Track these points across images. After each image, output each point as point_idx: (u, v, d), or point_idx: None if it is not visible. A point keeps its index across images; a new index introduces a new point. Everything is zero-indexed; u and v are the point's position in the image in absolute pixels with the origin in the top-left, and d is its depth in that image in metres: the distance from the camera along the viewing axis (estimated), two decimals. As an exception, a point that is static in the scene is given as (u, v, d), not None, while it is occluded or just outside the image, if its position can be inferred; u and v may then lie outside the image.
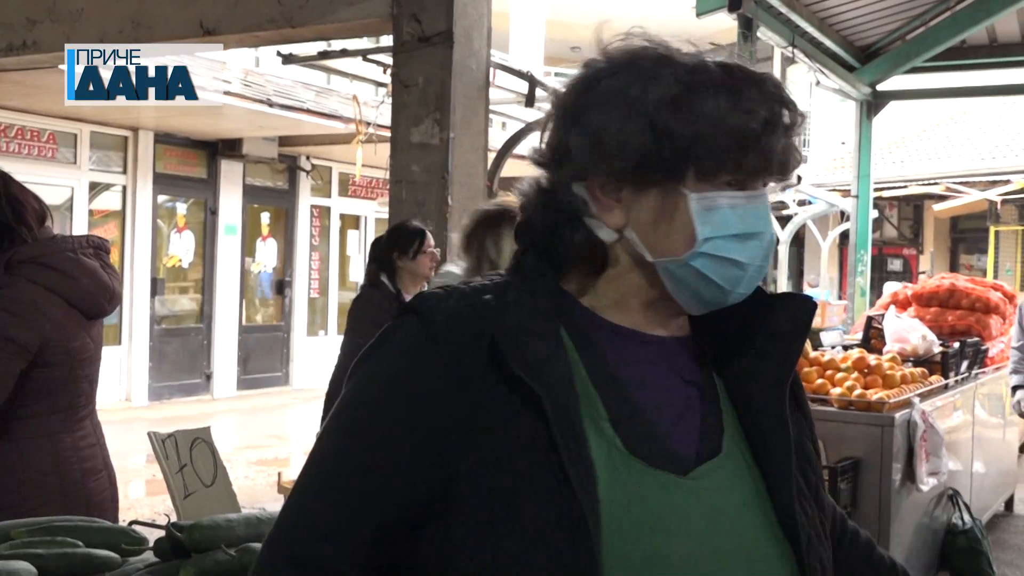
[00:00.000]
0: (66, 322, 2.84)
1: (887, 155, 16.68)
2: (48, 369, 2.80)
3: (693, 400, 1.18)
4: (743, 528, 1.13)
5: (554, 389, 1.06)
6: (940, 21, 9.18)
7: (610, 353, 1.16)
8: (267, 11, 5.43)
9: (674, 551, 1.08)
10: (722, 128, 1.09)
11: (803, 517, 1.17)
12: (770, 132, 1.11)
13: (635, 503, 1.07)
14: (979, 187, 15.54)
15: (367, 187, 15.01)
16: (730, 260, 1.12)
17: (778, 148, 1.12)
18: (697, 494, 1.11)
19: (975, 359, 6.53)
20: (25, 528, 1.97)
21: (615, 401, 1.13)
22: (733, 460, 1.17)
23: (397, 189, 5.05)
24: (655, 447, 1.12)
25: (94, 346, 2.99)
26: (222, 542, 1.80)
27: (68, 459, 2.87)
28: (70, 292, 2.86)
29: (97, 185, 11.86)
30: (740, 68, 1.13)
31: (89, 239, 3.02)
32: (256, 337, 13.69)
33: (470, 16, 5.08)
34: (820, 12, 8.55)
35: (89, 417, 3.01)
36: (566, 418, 1.06)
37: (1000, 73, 10.91)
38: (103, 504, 2.96)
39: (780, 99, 1.13)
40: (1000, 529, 7.06)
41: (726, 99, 1.10)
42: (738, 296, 1.16)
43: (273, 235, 14.09)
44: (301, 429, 11.24)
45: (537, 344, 1.09)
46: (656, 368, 1.18)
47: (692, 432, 1.16)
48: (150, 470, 8.37)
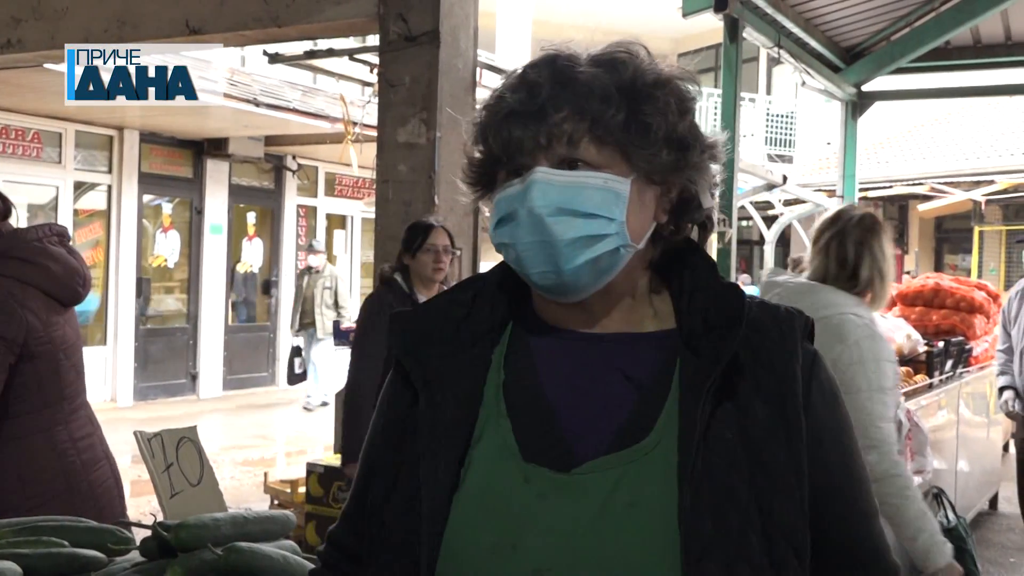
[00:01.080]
0: (45, 312, 2.85)
1: (872, 155, 16.75)
2: (34, 361, 2.80)
3: (626, 397, 1.20)
4: (624, 529, 1.13)
5: (436, 387, 1.22)
6: (925, 22, 9.21)
7: (540, 354, 1.25)
8: (253, 10, 5.42)
9: (528, 543, 1.14)
10: (479, 132, 1.22)
11: (707, 529, 1.11)
12: (506, 123, 1.18)
13: (493, 494, 1.17)
14: (963, 187, 15.62)
15: (353, 187, 15.00)
16: (504, 244, 1.19)
17: (515, 133, 1.17)
18: (572, 491, 1.15)
19: (959, 358, 6.56)
20: (10, 528, 1.97)
21: (523, 401, 1.22)
22: (647, 460, 1.15)
23: (384, 189, 5.04)
24: (543, 443, 1.18)
25: (74, 334, 3.00)
26: (208, 541, 1.79)
27: (67, 452, 2.86)
28: (43, 281, 2.87)
29: (82, 185, 11.82)
30: (525, 66, 1.21)
31: (51, 227, 3.04)
32: (242, 337, 13.66)
33: (456, 16, 5.08)
34: (806, 13, 8.58)
35: (83, 408, 3.01)
36: (434, 409, 1.21)
37: (984, 74, 10.96)
38: (109, 493, 2.96)
39: (519, 85, 1.19)
40: (984, 527, 7.10)
41: (485, 106, 1.22)
42: (539, 276, 1.18)
43: (259, 235, 14.06)
44: (287, 429, 11.22)
45: (433, 350, 1.25)
46: (585, 366, 1.23)
47: (607, 429, 1.18)
48: (135, 470, 8.34)
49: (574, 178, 1.16)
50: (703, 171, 1.23)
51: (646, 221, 1.21)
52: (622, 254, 1.18)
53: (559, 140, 1.16)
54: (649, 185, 1.20)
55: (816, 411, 1.20)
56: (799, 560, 1.15)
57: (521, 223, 1.17)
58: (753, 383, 1.18)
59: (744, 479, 1.14)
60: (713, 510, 1.12)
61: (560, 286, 1.18)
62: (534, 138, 1.16)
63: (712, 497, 1.12)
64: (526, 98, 1.17)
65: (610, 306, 1.24)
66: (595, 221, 1.16)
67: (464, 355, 1.25)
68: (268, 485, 6.35)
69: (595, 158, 1.17)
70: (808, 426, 1.18)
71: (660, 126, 1.17)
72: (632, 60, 1.20)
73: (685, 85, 1.22)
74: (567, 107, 1.16)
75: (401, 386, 1.28)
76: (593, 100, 1.16)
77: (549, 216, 1.15)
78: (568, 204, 1.15)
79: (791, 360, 1.19)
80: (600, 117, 1.15)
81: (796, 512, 1.16)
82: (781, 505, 1.14)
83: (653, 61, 1.21)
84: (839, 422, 1.24)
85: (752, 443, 1.15)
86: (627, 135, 1.16)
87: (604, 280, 1.19)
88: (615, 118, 1.16)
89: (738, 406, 1.17)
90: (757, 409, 1.17)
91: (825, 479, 1.20)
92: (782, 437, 1.17)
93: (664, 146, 1.18)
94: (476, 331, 1.27)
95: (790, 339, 1.21)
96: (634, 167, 1.18)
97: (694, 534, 1.10)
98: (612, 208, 1.16)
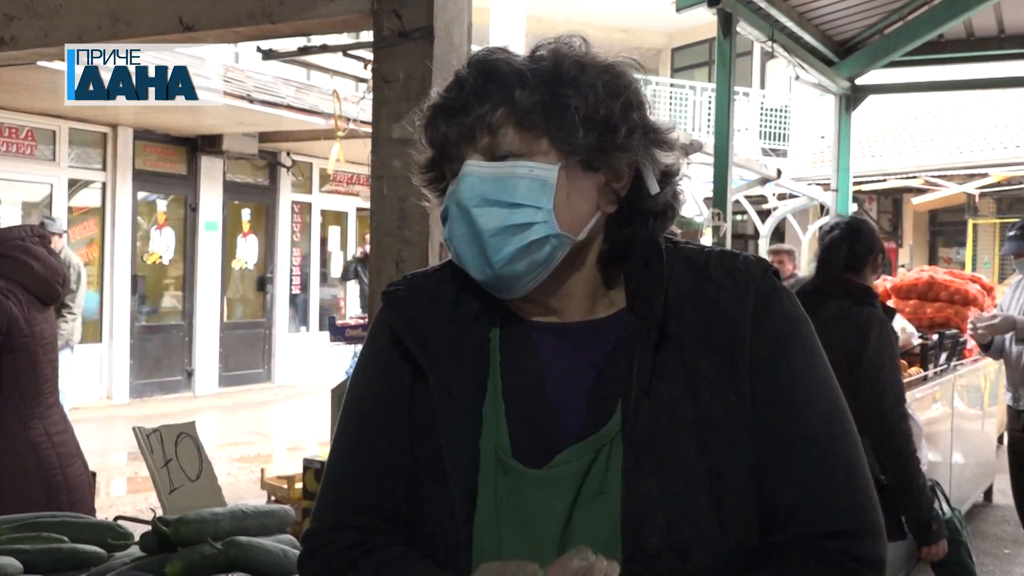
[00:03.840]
0: (27, 306, 2.91)
1: (866, 149, 16.77)
2: (15, 354, 2.86)
3: (591, 383, 1.20)
4: (594, 517, 1.14)
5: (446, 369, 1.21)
6: (918, 16, 9.22)
7: (526, 344, 1.24)
8: (246, 7, 5.41)
9: (510, 540, 1.15)
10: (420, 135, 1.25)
11: (646, 491, 1.11)
12: (434, 119, 1.20)
13: (489, 494, 1.17)
14: (957, 181, 15.65)
15: (348, 183, 14.98)
16: (446, 241, 1.20)
17: (441, 128, 1.19)
18: (545, 486, 1.16)
19: (954, 351, 6.58)
20: (10, 524, 1.98)
21: (515, 388, 1.21)
22: (615, 443, 1.15)
23: (378, 185, 5.03)
24: (526, 437, 1.19)
25: (52, 333, 3.06)
26: (208, 536, 1.81)
27: (42, 444, 2.91)
28: (24, 277, 2.93)
29: (76, 182, 11.79)
30: (463, 65, 1.22)
31: (33, 228, 3.13)
32: (238, 334, 13.65)
33: (450, 11, 5.07)
34: (799, 7, 8.58)
35: (57, 406, 3.07)
36: (450, 395, 1.20)
37: (977, 67, 10.97)
38: (82, 488, 3.00)
39: (452, 83, 1.21)
40: (979, 519, 7.12)
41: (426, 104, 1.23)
42: (474, 271, 1.19)
43: (254, 231, 14.03)
44: (283, 426, 11.22)
45: (435, 329, 1.23)
46: (556, 356, 1.23)
47: (577, 418, 1.19)
48: (132, 467, 8.35)
49: (499, 168, 1.16)
50: (639, 154, 1.19)
51: (583, 210, 1.19)
52: (553, 244, 1.16)
53: (482, 130, 1.17)
54: (586, 173, 1.18)
55: (766, 354, 1.17)
56: (749, 510, 1.14)
57: (454, 218, 1.18)
58: (702, 335, 1.17)
59: (691, 438, 1.13)
60: (656, 472, 1.12)
61: (495, 279, 1.18)
62: (459, 131, 1.18)
63: (655, 459, 1.12)
64: (454, 94, 1.19)
65: (562, 297, 1.23)
66: (521, 210, 1.15)
67: (465, 335, 1.24)
68: (265, 481, 6.35)
69: (519, 146, 1.16)
70: (752, 366, 1.16)
71: (579, 107, 1.16)
72: (559, 48, 1.19)
73: (617, 68, 1.20)
74: (489, 98, 1.16)
75: (399, 361, 1.26)
76: (512, 88, 1.16)
77: (475, 207, 1.16)
78: (493, 195, 1.16)
79: (742, 307, 1.18)
80: (518, 103, 1.15)
81: (743, 465, 1.14)
82: (729, 459, 1.14)
83: (588, 49, 1.21)
84: (788, 360, 1.19)
85: (700, 400, 1.15)
86: (546, 118, 1.16)
87: (542, 273, 1.18)
88: (531, 100, 1.15)
89: (685, 362, 1.16)
90: (704, 363, 1.16)
91: (771, 423, 1.16)
92: (730, 388, 1.15)
93: (583, 126, 1.16)
94: (471, 311, 1.26)
95: (743, 286, 1.19)
96: (561, 153, 1.17)
97: (633, 497, 1.11)
98: (539, 197, 1.15)
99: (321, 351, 12.80)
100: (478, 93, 1.17)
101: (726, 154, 7.96)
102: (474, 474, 1.16)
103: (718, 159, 7.99)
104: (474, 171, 1.17)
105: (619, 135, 1.17)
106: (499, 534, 1.16)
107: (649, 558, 1.10)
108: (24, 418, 2.90)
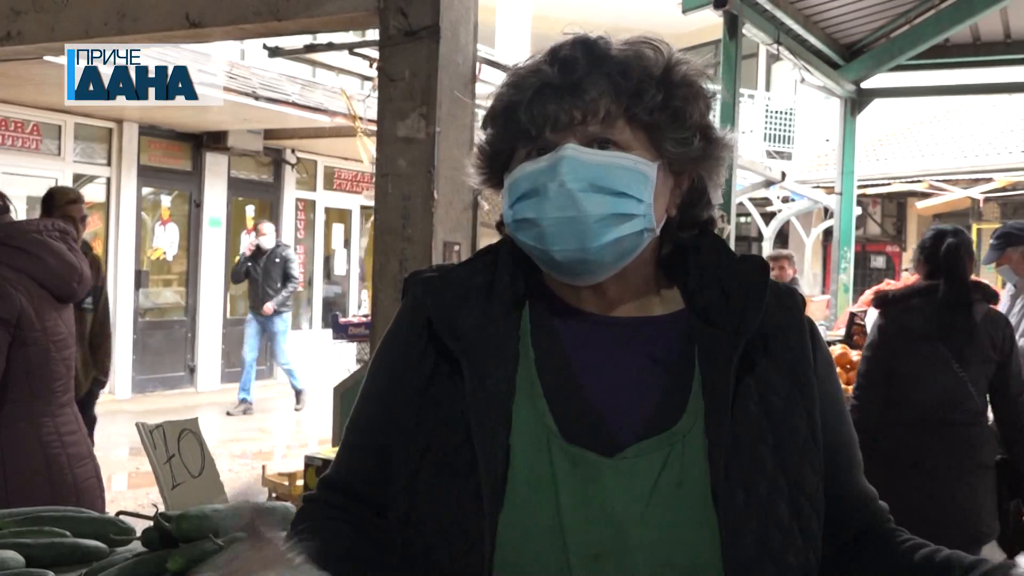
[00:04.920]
0: (38, 301, 2.86)
1: (871, 152, 16.74)
2: (25, 348, 2.81)
3: (656, 379, 1.20)
4: (673, 510, 1.13)
5: (478, 360, 1.18)
6: (924, 19, 9.21)
7: (566, 335, 1.23)
8: (253, 4, 5.42)
9: (580, 528, 1.12)
10: (502, 110, 1.20)
11: (739, 501, 1.13)
12: (539, 96, 1.16)
13: (543, 478, 1.14)
14: (962, 185, 15.62)
15: (352, 181, 14.99)
16: (526, 220, 1.17)
17: (549, 107, 1.16)
18: (621, 475, 1.14)
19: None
20: (12, 518, 1.98)
21: (557, 382, 1.20)
22: (688, 440, 1.16)
23: (383, 183, 5.04)
24: (584, 427, 1.17)
25: (67, 331, 3.00)
26: (210, 531, 1.81)
27: (52, 443, 2.87)
28: (37, 271, 2.88)
29: (81, 177, 11.80)
30: (554, 47, 1.19)
31: (54, 223, 3.05)
32: (240, 330, 13.65)
33: (456, 10, 5.08)
34: (805, 10, 8.58)
35: (70, 406, 3.02)
36: (483, 387, 1.17)
37: (983, 72, 10.97)
38: (92, 491, 2.97)
39: (551, 60, 1.18)
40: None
41: (508, 84, 1.20)
42: (561, 253, 1.16)
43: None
44: (285, 422, 11.22)
45: (467, 319, 1.21)
46: (613, 349, 1.22)
47: (643, 412, 1.18)
48: (134, 463, 8.36)
49: (606, 157, 1.15)
50: (719, 167, 1.25)
51: (663, 210, 1.22)
52: (645, 237, 1.18)
53: (595, 117, 1.15)
54: (667, 174, 1.21)
55: (820, 378, 1.25)
56: (819, 519, 1.19)
57: (549, 198, 1.15)
58: (772, 356, 1.21)
59: (769, 448, 1.17)
60: (744, 482, 1.14)
61: (582, 264, 1.17)
62: (569, 113, 1.15)
63: (742, 469, 1.14)
64: (562, 72, 1.16)
65: (623, 291, 1.24)
66: (626, 201, 1.15)
67: (494, 327, 1.22)
68: (266, 478, 6.36)
69: (626, 139, 1.17)
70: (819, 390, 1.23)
71: (693, 113, 1.18)
72: (664, 49, 1.21)
73: (707, 81, 1.23)
74: (604, 84, 1.15)
75: (423, 347, 1.24)
76: (631, 80, 1.15)
77: (580, 191, 1.14)
78: (599, 181, 1.14)
79: (802, 332, 1.24)
80: (638, 97, 1.15)
81: (816, 476, 1.20)
82: (804, 471, 1.18)
83: (678, 54, 1.22)
84: (836, 386, 1.31)
85: (774, 413, 1.18)
86: (662, 118, 1.17)
87: (623, 262, 1.19)
88: (653, 99, 1.16)
89: (758, 378, 1.19)
90: (775, 379, 1.20)
91: (832, 439, 1.24)
92: (800, 405, 1.20)
93: (697, 134, 1.19)
94: (502, 302, 1.24)
95: (797, 312, 1.25)
96: (661, 152, 1.18)
97: (729, 507, 1.12)
98: (642, 190, 1.16)
99: (324, 348, 12.80)
100: (592, 77, 1.15)
101: (731, 156, 7.94)
102: (504, 466, 1.14)
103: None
104: (579, 156, 1.15)
105: (718, 147, 1.22)
106: (561, 523, 1.13)
107: (748, 567, 1.12)
108: (34, 416, 2.86)
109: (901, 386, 3.71)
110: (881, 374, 3.73)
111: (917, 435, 3.68)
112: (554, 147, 1.16)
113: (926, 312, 3.72)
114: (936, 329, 3.71)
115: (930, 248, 3.89)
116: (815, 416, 1.21)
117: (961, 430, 3.71)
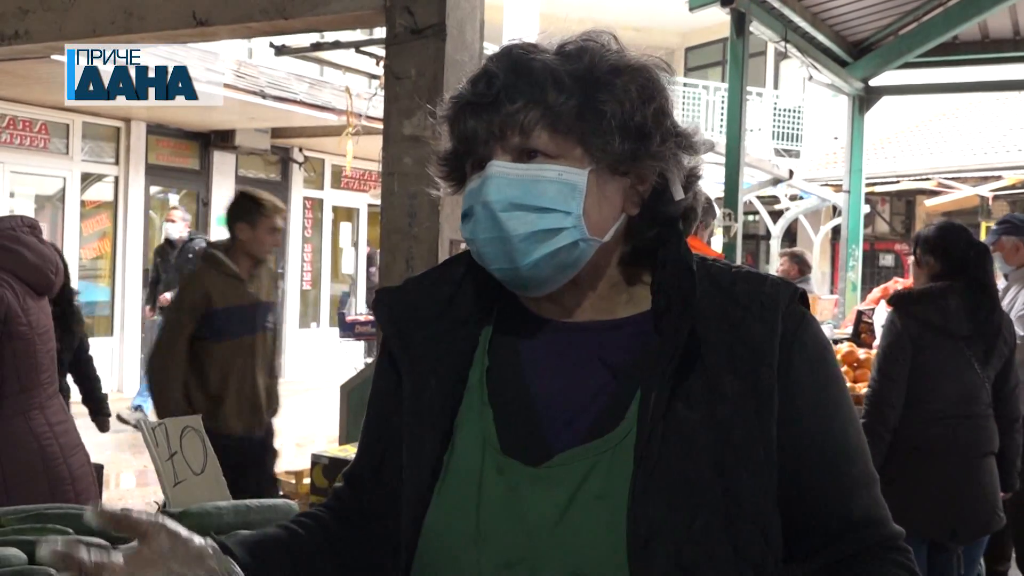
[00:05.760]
0: (22, 295, 2.91)
1: (879, 150, 16.71)
2: (13, 343, 2.87)
3: (605, 385, 1.18)
4: (591, 521, 1.11)
5: (420, 373, 1.23)
6: (932, 17, 9.19)
7: (525, 343, 1.23)
8: (259, 2, 5.42)
9: (497, 535, 1.13)
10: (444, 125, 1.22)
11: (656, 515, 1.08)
12: (461, 113, 1.17)
13: (470, 486, 1.16)
14: (971, 183, 15.59)
15: (359, 179, 14.99)
16: (468, 239, 1.19)
17: (469, 124, 1.16)
18: (540, 484, 1.14)
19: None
20: (15, 515, 1.98)
21: (506, 390, 1.20)
22: (619, 449, 1.13)
23: (389, 181, 5.04)
24: (520, 435, 1.17)
25: (48, 323, 3.05)
26: (211, 529, 1.80)
27: (44, 434, 2.91)
28: (17, 266, 2.93)
29: (89, 176, 11.83)
30: (489, 57, 1.20)
31: (23, 219, 3.12)
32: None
33: (463, 9, 5.07)
34: (813, 7, 8.56)
35: (56, 397, 3.08)
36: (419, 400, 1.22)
37: (992, 69, 10.93)
38: (86, 479, 3.00)
39: (479, 76, 1.18)
40: None
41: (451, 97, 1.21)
42: (499, 272, 1.17)
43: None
44: (292, 420, 11.22)
45: (418, 332, 1.25)
46: (567, 355, 1.21)
47: (586, 420, 1.16)
48: (141, 460, 8.37)
49: (527, 171, 1.14)
50: (669, 161, 1.18)
51: (610, 214, 1.18)
52: (582, 248, 1.15)
53: (513, 129, 1.14)
54: (613, 176, 1.17)
55: (794, 373, 1.16)
56: (767, 540, 1.13)
57: (478, 219, 1.16)
58: (727, 358, 1.14)
59: (707, 461, 1.11)
60: (667, 494, 1.09)
61: (519, 281, 1.17)
62: (488, 128, 1.15)
63: (666, 480, 1.09)
64: (483, 88, 1.16)
65: (580, 297, 1.22)
66: (550, 215, 1.13)
67: (450, 337, 1.24)
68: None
69: (551, 148, 1.14)
70: (783, 390, 1.14)
71: (615, 113, 1.14)
72: (592, 48, 1.17)
73: (651, 73, 1.18)
74: (521, 96, 1.14)
75: (388, 363, 1.30)
76: (546, 88, 1.13)
77: (502, 211, 1.13)
78: (522, 199, 1.13)
79: (770, 332, 1.15)
80: (552, 105, 1.13)
81: (764, 491, 1.13)
82: (748, 485, 1.11)
83: (620, 49, 1.18)
84: (821, 384, 1.20)
85: (721, 423, 1.12)
86: (581, 123, 1.14)
87: (568, 274, 1.17)
88: (566, 105, 1.13)
89: (707, 384, 1.14)
90: (727, 385, 1.13)
91: (803, 441, 1.16)
92: (751, 411, 1.13)
93: (619, 134, 1.14)
94: (463, 312, 1.26)
95: (770, 311, 1.16)
96: (592, 157, 1.15)
97: (642, 519, 1.08)
98: (568, 201, 1.14)
99: (331, 347, 12.81)
100: (509, 90, 1.14)
101: (738, 154, 7.95)
102: (430, 476, 1.19)
103: (730, 159, 7.98)
104: (501, 172, 1.14)
105: (653, 143, 1.16)
106: (478, 530, 1.14)
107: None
108: (25, 409, 2.91)
109: (922, 383, 3.71)
110: (902, 372, 3.73)
111: (936, 429, 3.70)
112: (486, 161, 1.16)
113: (947, 311, 3.72)
114: (962, 330, 3.71)
115: (942, 246, 3.87)
116: (769, 424, 1.13)
117: (978, 422, 3.75)
